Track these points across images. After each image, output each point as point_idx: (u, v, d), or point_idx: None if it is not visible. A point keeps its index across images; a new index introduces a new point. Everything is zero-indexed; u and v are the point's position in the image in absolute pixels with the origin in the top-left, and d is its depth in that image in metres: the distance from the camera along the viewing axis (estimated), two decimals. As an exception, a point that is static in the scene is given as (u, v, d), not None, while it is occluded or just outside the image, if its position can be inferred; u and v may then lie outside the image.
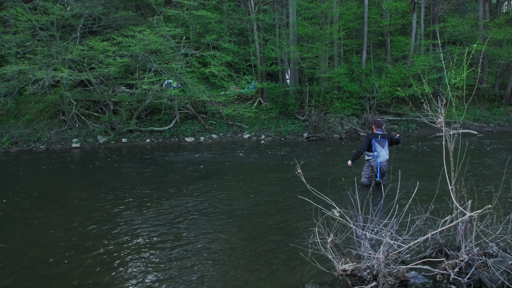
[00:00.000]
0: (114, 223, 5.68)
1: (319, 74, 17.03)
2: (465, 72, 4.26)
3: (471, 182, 4.11)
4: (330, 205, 3.77)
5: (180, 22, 17.72)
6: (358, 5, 18.56)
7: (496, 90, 20.47)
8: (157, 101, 15.38)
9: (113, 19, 17.36)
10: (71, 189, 8.14)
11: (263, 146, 14.29)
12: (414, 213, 3.88)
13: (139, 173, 9.48)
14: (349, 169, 8.76)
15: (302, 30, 16.84)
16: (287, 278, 3.88)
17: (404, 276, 3.32)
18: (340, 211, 3.69)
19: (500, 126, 17.92)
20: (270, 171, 9.46)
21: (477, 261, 3.26)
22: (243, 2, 19.55)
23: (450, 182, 3.64)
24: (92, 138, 14.81)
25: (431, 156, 11.17)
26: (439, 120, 3.82)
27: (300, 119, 17.04)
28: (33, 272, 4.14)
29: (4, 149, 13.67)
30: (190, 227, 5.43)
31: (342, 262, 3.49)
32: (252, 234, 5.12)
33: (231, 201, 6.70)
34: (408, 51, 18.41)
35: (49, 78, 14.00)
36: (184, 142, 15.31)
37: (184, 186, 7.87)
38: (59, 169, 10.48)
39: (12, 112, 15.34)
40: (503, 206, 3.76)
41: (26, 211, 6.37)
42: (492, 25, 19.21)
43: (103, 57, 13.99)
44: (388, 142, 7.12)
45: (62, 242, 4.98)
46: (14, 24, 14.73)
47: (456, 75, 5.15)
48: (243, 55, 19.79)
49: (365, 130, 16.21)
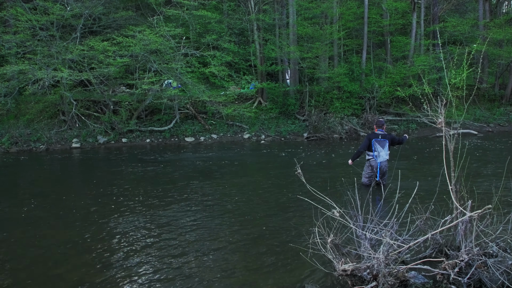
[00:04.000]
0: (114, 223, 5.68)
1: (319, 74, 17.03)
2: (465, 72, 4.26)
3: (471, 182, 4.11)
4: (330, 205, 3.77)
5: (180, 22, 17.72)
6: (358, 5, 18.55)
7: (496, 90, 20.47)
8: (157, 101, 15.39)
9: (113, 19, 17.36)
10: (71, 189, 8.14)
11: (263, 146, 14.29)
12: (414, 213, 3.88)
13: (139, 173, 9.48)
14: (349, 169, 8.76)
15: (302, 30, 16.84)
16: (287, 278, 3.88)
17: (404, 276, 3.32)
18: (340, 211, 3.69)
19: (500, 126, 17.92)
20: (270, 171, 9.46)
21: (477, 261, 3.26)
22: (243, 2, 19.55)
23: (450, 182, 3.64)
24: (92, 138, 14.81)
25: (431, 156, 11.17)
26: (439, 120, 3.82)
27: (300, 119, 17.04)
28: (33, 272, 4.14)
29: (4, 149, 13.67)
30: (190, 227, 5.44)
31: (342, 262, 3.49)
32: (252, 234, 5.12)
33: (231, 201, 6.70)
34: (408, 51, 18.41)
35: (49, 78, 14.00)
36: (184, 142, 15.32)
37: (184, 186, 7.88)
38: (59, 169, 10.48)
39: (12, 112, 15.34)
40: (503, 206, 3.76)
41: (26, 211, 6.37)
42: (492, 25, 19.20)
43: (103, 57, 13.99)
44: (389, 143, 7.10)
45: (62, 242, 4.98)
46: (14, 24, 14.72)
47: (456, 75, 5.14)
48: (243, 55, 19.78)
49: (365, 130, 16.20)
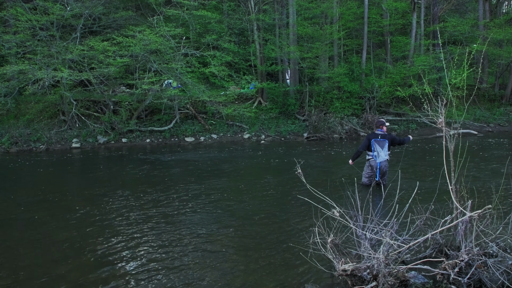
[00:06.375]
0: (114, 223, 5.68)
1: (319, 74, 17.03)
2: (465, 72, 4.26)
3: (471, 182, 4.11)
4: (330, 205, 3.77)
5: (180, 22, 17.73)
6: (358, 5, 18.56)
7: (496, 90, 20.47)
8: (157, 101, 15.39)
9: (113, 19, 17.36)
10: (71, 189, 8.14)
11: (263, 146, 14.29)
12: (414, 213, 3.88)
13: (139, 173, 9.48)
14: (349, 169, 8.77)
15: (302, 30, 16.84)
16: (287, 278, 3.88)
17: (404, 276, 3.32)
18: (340, 211, 3.69)
19: (500, 126, 17.92)
20: (270, 171, 9.46)
21: (477, 261, 3.26)
22: (243, 2, 19.55)
23: (450, 182, 3.64)
24: (92, 138, 14.81)
25: (431, 156, 11.17)
26: (440, 120, 3.82)
27: (300, 119, 17.04)
28: (33, 272, 4.14)
29: (4, 149, 13.67)
30: (190, 227, 5.43)
31: (342, 262, 3.49)
32: (252, 234, 5.12)
33: (230, 201, 6.70)
34: (408, 51, 18.42)
35: (49, 78, 14.01)
36: (184, 142, 15.32)
37: (183, 186, 7.87)
38: (59, 169, 10.48)
39: (12, 112, 15.34)
40: (503, 206, 3.76)
41: (26, 211, 6.37)
42: (492, 25, 19.21)
43: (103, 57, 13.99)
44: (389, 143, 7.09)
45: (62, 242, 4.98)
46: (14, 24, 14.73)
47: (456, 75, 5.14)
48: (243, 55, 19.79)
49: (365, 130, 16.20)
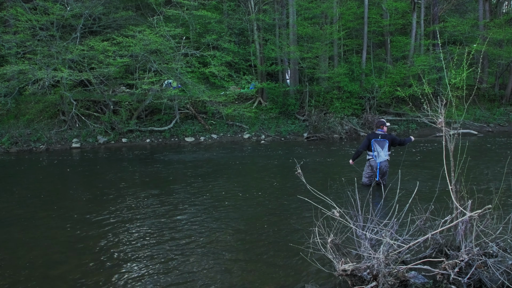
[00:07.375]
0: (114, 222, 5.68)
1: (319, 74, 17.04)
2: (465, 72, 4.26)
3: (471, 182, 4.11)
4: (330, 205, 3.77)
5: (180, 22, 17.73)
6: (358, 5, 18.56)
7: (496, 90, 20.47)
8: (157, 101, 15.40)
9: (113, 19, 17.37)
10: (71, 189, 8.13)
11: (263, 146, 14.29)
12: (414, 213, 3.88)
13: (139, 173, 9.48)
14: (349, 169, 8.76)
15: (302, 30, 16.85)
16: (287, 278, 3.88)
17: (404, 276, 3.32)
18: (340, 211, 3.69)
19: (500, 126, 17.92)
20: (270, 171, 9.46)
21: (477, 261, 3.26)
22: (243, 2, 19.55)
23: (450, 182, 3.64)
24: (92, 138, 14.81)
25: (431, 156, 11.17)
26: (440, 120, 3.81)
27: (300, 119, 17.04)
28: (33, 272, 4.14)
29: (4, 149, 13.67)
30: (190, 227, 5.43)
31: (342, 262, 3.49)
32: (252, 234, 5.12)
33: (230, 201, 6.70)
34: (408, 51, 18.43)
35: (49, 78, 14.01)
36: (184, 142, 15.32)
37: (183, 186, 7.88)
38: (59, 169, 10.47)
39: (12, 112, 15.34)
40: (503, 206, 3.76)
41: (26, 211, 6.37)
42: (492, 25, 19.21)
43: (103, 57, 14.00)
44: (389, 143, 7.09)
45: (62, 242, 4.98)
46: (14, 24, 14.74)
47: (456, 75, 5.14)
48: (243, 55, 19.80)
49: (365, 130, 16.21)
